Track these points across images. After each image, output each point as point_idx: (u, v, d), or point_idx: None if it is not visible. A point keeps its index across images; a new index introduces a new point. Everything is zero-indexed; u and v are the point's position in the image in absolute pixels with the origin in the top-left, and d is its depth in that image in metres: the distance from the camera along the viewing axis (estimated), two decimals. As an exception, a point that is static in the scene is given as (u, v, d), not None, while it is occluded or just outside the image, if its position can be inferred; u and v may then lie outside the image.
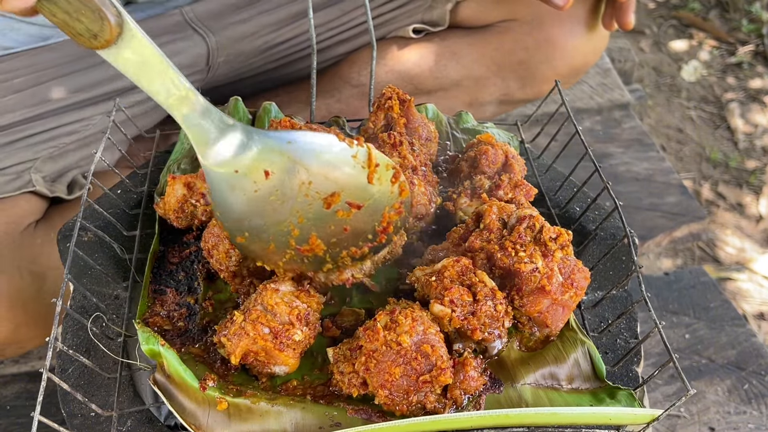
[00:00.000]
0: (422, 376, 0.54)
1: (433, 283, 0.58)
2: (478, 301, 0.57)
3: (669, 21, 2.26)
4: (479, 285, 0.57)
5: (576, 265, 0.60)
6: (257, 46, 1.12)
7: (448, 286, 0.57)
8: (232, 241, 0.59)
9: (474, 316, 0.56)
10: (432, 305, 0.57)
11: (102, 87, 1.00)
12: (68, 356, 0.61)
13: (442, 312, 0.56)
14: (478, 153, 0.73)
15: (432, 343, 0.55)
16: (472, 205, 0.70)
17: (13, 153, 0.94)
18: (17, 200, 0.94)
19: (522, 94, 1.23)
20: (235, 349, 0.56)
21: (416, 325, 0.55)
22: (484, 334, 0.57)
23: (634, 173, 1.57)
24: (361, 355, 0.55)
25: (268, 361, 0.57)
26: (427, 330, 0.55)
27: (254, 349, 0.56)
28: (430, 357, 0.54)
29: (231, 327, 0.57)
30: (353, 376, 0.55)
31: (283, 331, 0.56)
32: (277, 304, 0.57)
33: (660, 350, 1.15)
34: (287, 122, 0.74)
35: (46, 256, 0.93)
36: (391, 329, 0.55)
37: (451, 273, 0.58)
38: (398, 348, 0.54)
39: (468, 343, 0.59)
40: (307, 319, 0.58)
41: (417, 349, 0.54)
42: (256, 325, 0.56)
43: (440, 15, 1.19)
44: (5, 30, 0.96)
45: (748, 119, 1.91)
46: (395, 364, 0.54)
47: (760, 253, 1.53)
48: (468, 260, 0.60)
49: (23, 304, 0.90)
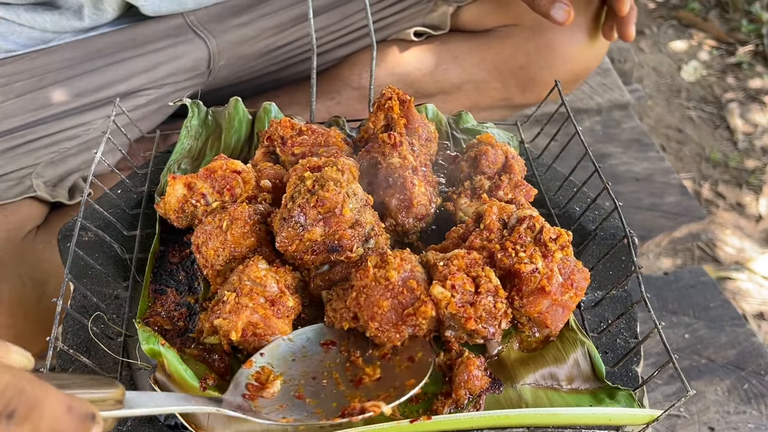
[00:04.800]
0: (407, 309, 0.57)
1: (439, 267, 0.58)
2: (479, 293, 0.57)
3: (669, 21, 2.26)
4: (483, 279, 0.58)
5: (576, 265, 0.60)
6: (258, 50, 1.12)
7: (454, 272, 0.57)
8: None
9: (472, 306, 0.57)
10: (433, 286, 0.57)
11: (103, 91, 1.00)
12: (68, 356, 0.61)
13: (441, 294, 0.56)
14: (478, 153, 0.73)
15: (417, 280, 0.58)
16: (472, 205, 0.70)
17: (14, 159, 0.94)
18: (18, 206, 0.93)
19: (522, 98, 1.23)
20: (236, 324, 0.57)
21: (404, 263, 0.59)
22: (477, 326, 0.57)
23: (633, 173, 1.57)
24: (352, 291, 0.59)
25: (265, 332, 0.58)
26: (414, 269, 0.59)
27: (254, 321, 0.57)
28: (415, 291, 0.57)
29: (225, 306, 0.57)
30: (345, 311, 0.59)
31: (278, 298, 0.59)
32: (264, 276, 0.59)
33: (660, 350, 1.15)
34: (287, 122, 0.74)
35: (47, 263, 0.92)
36: (381, 267, 0.58)
37: (460, 263, 0.58)
38: (386, 283, 0.57)
39: (459, 333, 0.59)
40: (291, 288, 0.61)
41: (404, 284, 0.58)
42: (252, 296, 0.58)
43: (441, 19, 1.19)
44: (6, 33, 0.96)
45: (747, 119, 1.91)
46: (383, 297, 0.57)
47: (760, 253, 1.53)
48: (479, 255, 0.60)
49: (24, 312, 0.89)
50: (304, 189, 0.61)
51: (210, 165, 0.68)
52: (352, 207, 0.61)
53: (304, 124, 0.76)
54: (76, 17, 0.98)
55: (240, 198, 0.67)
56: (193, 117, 0.85)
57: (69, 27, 0.99)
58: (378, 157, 0.70)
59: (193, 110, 0.85)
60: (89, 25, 1.00)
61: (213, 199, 0.67)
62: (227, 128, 0.85)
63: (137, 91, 1.03)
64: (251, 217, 0.63)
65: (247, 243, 0.63)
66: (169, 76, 1.05)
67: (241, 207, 0.63)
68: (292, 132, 0.74)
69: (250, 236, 0.63)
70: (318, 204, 0.60)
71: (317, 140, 0.74)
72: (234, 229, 0.62)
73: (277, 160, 0.75)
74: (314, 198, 0.60)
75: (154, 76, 1.04)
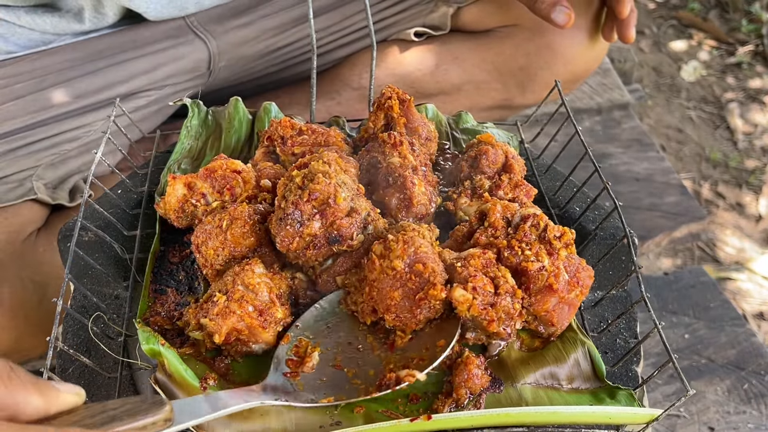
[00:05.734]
0: (418, 294, 0.56)
1: (458, 268, 0.58)
2: (498, 294, 0.57)
3: (669, 21, 2.26)
4: (501, 279, 0.58)
5: (580, 263, 0.60)
6: (258, 50, 1.12)
7: (474, 273, 0.57)
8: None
9: (493, 308, 0.56)
10: (454, 289, 0.56)
11: (103, 92, 1.00)
12: (69, 356, 0.61)
13: (463, 297, 0.56)
14: (478, 153, 0.73)
15: (423, 261, 0.57)
16: (472, 205, 0.70)
17: (15, 161, 0.94)
18: (19, 208, 0.93)
19: (522, 99, 1.23)
20: (221, 328, 0.57)
21: (407, 247, 0.58)
22: (499, 327, 0.57)
23: (633, 173, 1.57)
24: (365, 285, 0.59)
25: (249, 339, 0.59)
26: (419, 249, 0.58)
27: (239, 328, 0.58)
28: (423, 274, 0.56)
29: (214, 308, 0.57)
30: (364, 306, 0.60)
31: (266, 309, 0.58)
32: (258, 284, 0.59)
33: (660, 350, 1.15)
34: (287, 122, 0.75)
35: (48, 265, 0.92)
36: (385, 256, 0.58)
37: (477, 263, 0.58)
38: (393, 273, 0.57)
39: (480, 335, 0.59)
40: (281, 298, 0.61)
41: (410, 269, 0.57)
42: (241, 303, 0.57)
43: (442, 19, 1.19)
44: (6, 34, 0.96)
45: (747, 119, 1.91)
46: (393, 288, 0.57)
47: (760, 253, 1.53)
48: (493, 254, 0.60)
49: (25, 314, 0.89)
50: (294, 186, 0.61)
51: (210, 165, 0.68)
52: (344, 196, 0.61)
53: (304, 123, 0.76)
54: (77, 20, 0.98)
55: (240, 198, 0.67)
56: (193, 117, 0.85)
57: (69, 29, 0.99)
58: (378, 157, 0.70)
59: (193, 110, 0.85)
60: (89, 28, 1.00)
61: (213, 199, 0.68)
62: (227, 128, 0.85)
63: (137, 93, 1.04)
64: (251, 216, 0.63)
65: (247, 243, 0.63)
66: (170, 77, 1.05)
67: (241, 207, 0.64)
68: (292, 132, 0.74)
69: (249, 236, 0.63)
70: (311, 198, 0.60)
71: (317, 140, 0.74)
72: (234, 228, 0.62)
73: (277, 160, 0.75)
74: (305, 193, 0.60)
75: (154, 78, 1.04)
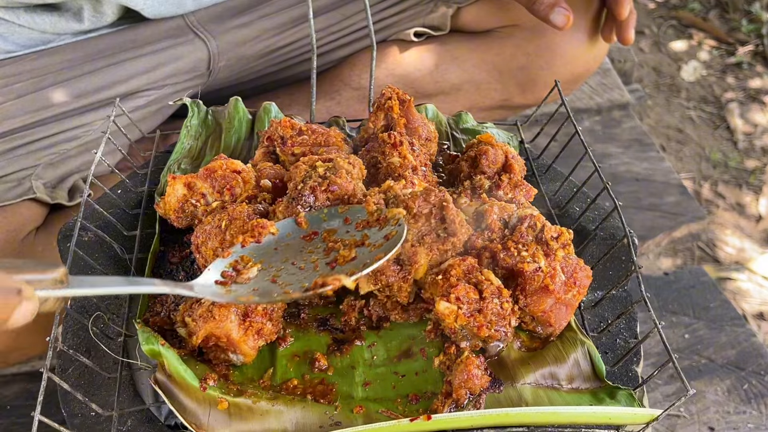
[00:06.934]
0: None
1: (439, 281, 0.58)
2: (484, 298, 0.57)
3: (669, 21, 2.26)
4: (485, 283, 0.58)
5: (578, 263, 0.60)
6: (258, 50, 1.12)
7: (455, 283, 0.57)
8: None
9: (480, 313, 0.56)
10: (438, 303, 0.57)
11: (103, 92, 1.00)
12: (68, 356, 0.61)
13: (448, 309, 0.56)
14: (478, 153, 0.73)
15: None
16: (472, 205, 0.70)
17: (14, 160, 0.94)
18: (18, 208, 0.92)
19: (522, 99, 1.23)
20: (199, 330, 0.57)
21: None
22: (490, 331, 0.57)
23: (633, 173, 1.57)
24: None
25: (227, 348, 0.58)
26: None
27: (217, 334, 0.57)
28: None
29: (198, 309, 0.57)
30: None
31: (252, 321, 0.58)
32: None
33: (660, 350, 1.15)
34: (287, 122, 0.74)
35: None
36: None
37: (458, 271, 0.58)
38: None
39: (474, 342, 0.59)
40: (271, 315, 0.60)
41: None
42: (223, 310, 0.57)
43: (441, 20, 1.19)
44: (6, 34, 0.96)
45: (747, 119, 1.91)
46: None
47: (760, 253, 1.53)
48: (474, 259, 0.60)
49: None
50: (316, 174, 0.62)
51: (210, 165, 0.68)
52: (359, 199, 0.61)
53: (304, 124, 0.76)
54: (76, 19, 0.98)
55: (240, 198, 0.67)
56: (193, 117, 0.85)
57: (68, 29, 0.99)
58: (378, 157, 0.71)
59: (193, 110, 0.85)
60: (89, 27, 1.00)
61: (213, 199, 0.67)
62: (227, 128, 0.85)
63: (137, 92, 1.03)
64: (251, 216, 0.63)
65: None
66: (169, 77, 1.05)
67: (240, 207, 0.63)
68: (292, 132, 0.74)
69: (249, 236, 0.63)
70: (329, 189, 0.60)
71: (317, 140, 0.74)
72: (233, 228, 0.62)
73: (277, 160, 0.75)
74: (326, 183, 0.61)
75: (154, 77, 1.04)
